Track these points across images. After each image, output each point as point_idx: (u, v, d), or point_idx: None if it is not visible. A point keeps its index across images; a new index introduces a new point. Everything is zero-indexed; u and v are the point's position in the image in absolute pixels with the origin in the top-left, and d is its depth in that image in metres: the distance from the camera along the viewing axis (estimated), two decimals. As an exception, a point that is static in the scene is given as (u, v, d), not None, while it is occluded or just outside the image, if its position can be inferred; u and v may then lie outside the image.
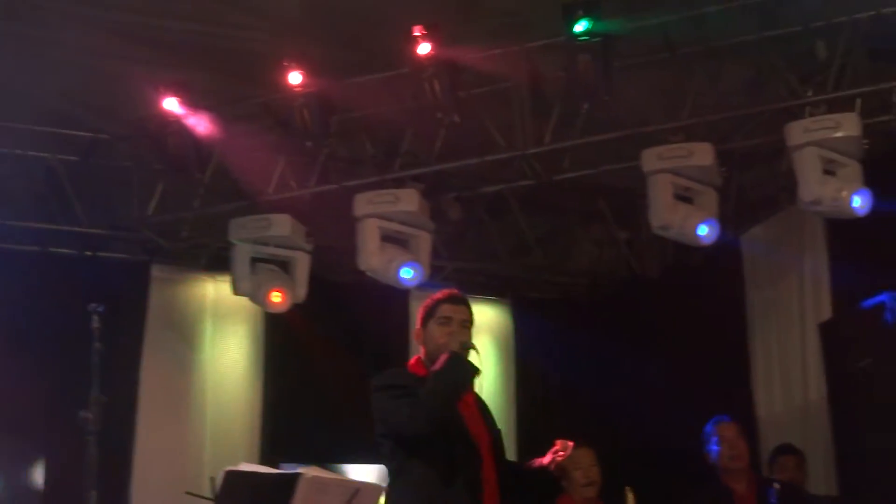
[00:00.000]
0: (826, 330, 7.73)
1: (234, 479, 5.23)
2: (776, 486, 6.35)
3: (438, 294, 5.32)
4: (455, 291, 5.36)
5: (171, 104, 8.17)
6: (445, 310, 5.15)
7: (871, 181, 7.50)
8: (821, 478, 7.80)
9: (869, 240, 7.88)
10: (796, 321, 8.64)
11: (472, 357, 4.95)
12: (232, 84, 8.19)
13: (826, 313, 8.28)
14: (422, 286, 8.88)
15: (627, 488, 5.63)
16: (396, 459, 4.99)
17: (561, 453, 5.06)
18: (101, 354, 5.35)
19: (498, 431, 5.21)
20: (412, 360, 5.24)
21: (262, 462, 7.77)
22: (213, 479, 5.25)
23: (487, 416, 5.23)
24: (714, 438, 6.86)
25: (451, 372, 4.85)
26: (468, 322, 5.17)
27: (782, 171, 8.39)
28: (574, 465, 6.35)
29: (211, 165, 8.57)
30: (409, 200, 8.33)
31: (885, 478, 6.68)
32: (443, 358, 4.89)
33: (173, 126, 8.27)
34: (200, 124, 8.27)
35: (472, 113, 8.04)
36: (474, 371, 4.92)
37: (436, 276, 9.17)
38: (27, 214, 8.94)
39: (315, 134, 8.19)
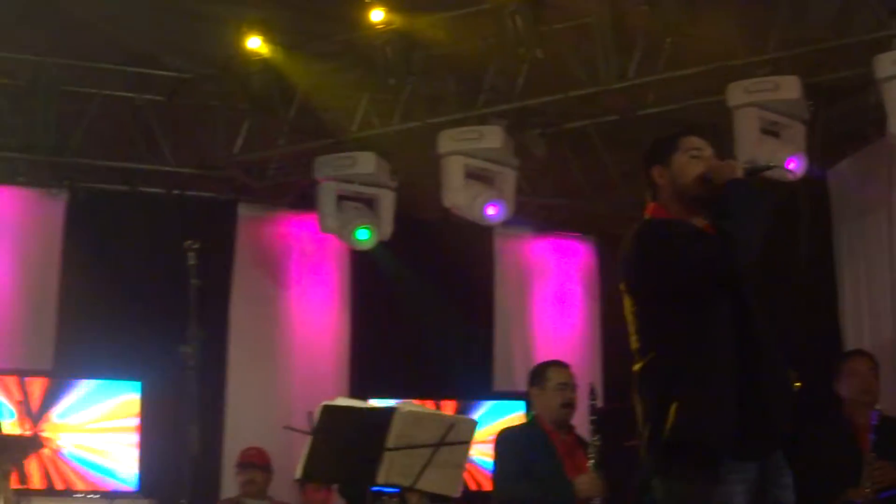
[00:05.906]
0: (917, 261, 7.65)
1: (332, 414, 5.34)
2: (878, 408, 6.47)
3: (674, 131, 4.70)
4: (694, 125, 4.68)
5: (255, 43, 8.20)
6: (694, 142, 4.49)
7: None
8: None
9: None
10: (885, 254, 8.56)
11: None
12: (314, 22, 8.19)
13: (916, 245, 8.19)
14: (506, 223, 8.92)
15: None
16: (674, 322, 4.18)
17: None
18: (197, 290, 5.46)
19: None
20: (652, 210, 4.50)
21: (352, 397, 7.88)
22: (310, 414, 5.37)
23: None
24: (846, 370, 6.91)
25: (756, 196, 4.18)
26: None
27: (871, 104, 8.27)
28: None
29: (295, 104, 8.61)
30: (493, 137, 8.30)
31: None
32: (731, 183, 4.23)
33: (257, 65, 8.33)
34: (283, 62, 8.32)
35: (555, 48, 8.00)
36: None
37: (520, 212, 9.18)
38: (115, 154, 9.07)
39: (397, 71, 8.19)
